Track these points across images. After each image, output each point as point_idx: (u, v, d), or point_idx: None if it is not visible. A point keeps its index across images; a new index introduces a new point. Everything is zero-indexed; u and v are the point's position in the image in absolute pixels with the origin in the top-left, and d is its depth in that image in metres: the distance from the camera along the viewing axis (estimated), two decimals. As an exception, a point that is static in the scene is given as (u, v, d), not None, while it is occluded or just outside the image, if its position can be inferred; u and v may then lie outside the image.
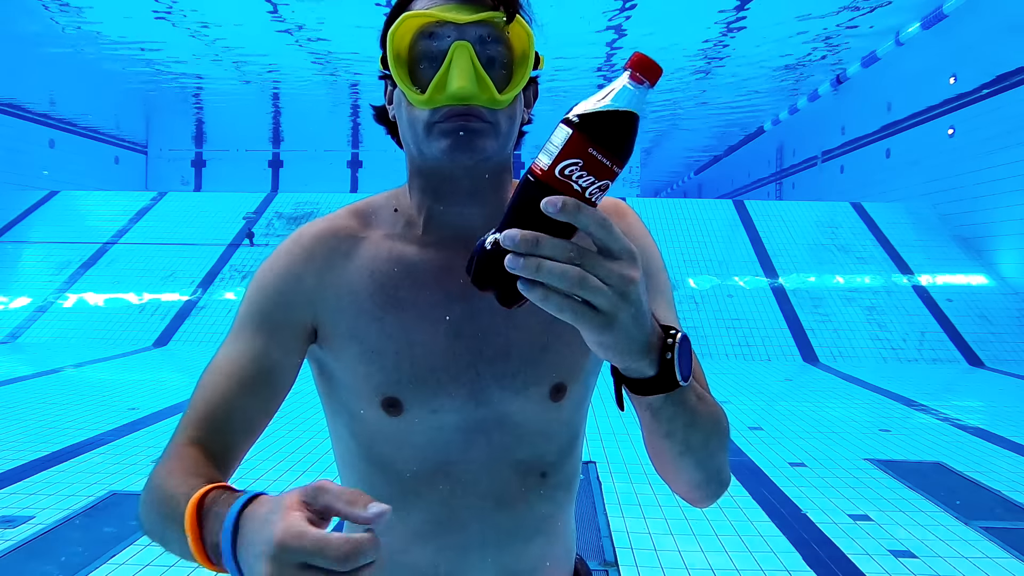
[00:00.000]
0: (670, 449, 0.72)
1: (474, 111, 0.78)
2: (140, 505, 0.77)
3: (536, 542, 0.91)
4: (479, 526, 0.88)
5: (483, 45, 0.79)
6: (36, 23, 12.61)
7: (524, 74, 0.81)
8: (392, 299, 0.85)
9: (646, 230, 0.93)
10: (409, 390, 0.84)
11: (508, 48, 0.80)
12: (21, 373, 7.22)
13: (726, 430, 0.77)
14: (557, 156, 0.58)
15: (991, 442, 5.09)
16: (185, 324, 9.67)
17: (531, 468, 0.89)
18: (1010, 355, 8.85)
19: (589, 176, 0.58)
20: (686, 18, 11.83)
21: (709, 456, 0.74)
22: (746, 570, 2.94)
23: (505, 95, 0.79)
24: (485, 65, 0.78)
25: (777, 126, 18.73)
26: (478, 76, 0.76)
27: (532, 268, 0.56)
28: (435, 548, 0.88)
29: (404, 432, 0.86)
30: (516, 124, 0.84)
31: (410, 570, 0.89)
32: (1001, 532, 3.37)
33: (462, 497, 0.87)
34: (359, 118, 19.60)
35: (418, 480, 0.88)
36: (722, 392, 6.82)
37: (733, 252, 11.15)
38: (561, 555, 0.95)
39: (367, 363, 0.85)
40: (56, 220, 12.64)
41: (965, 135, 11.34)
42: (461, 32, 0.78)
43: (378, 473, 0.90)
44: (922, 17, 11.25)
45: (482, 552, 0.88)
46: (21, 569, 2.82)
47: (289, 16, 12.23)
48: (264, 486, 3.88)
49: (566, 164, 0.58)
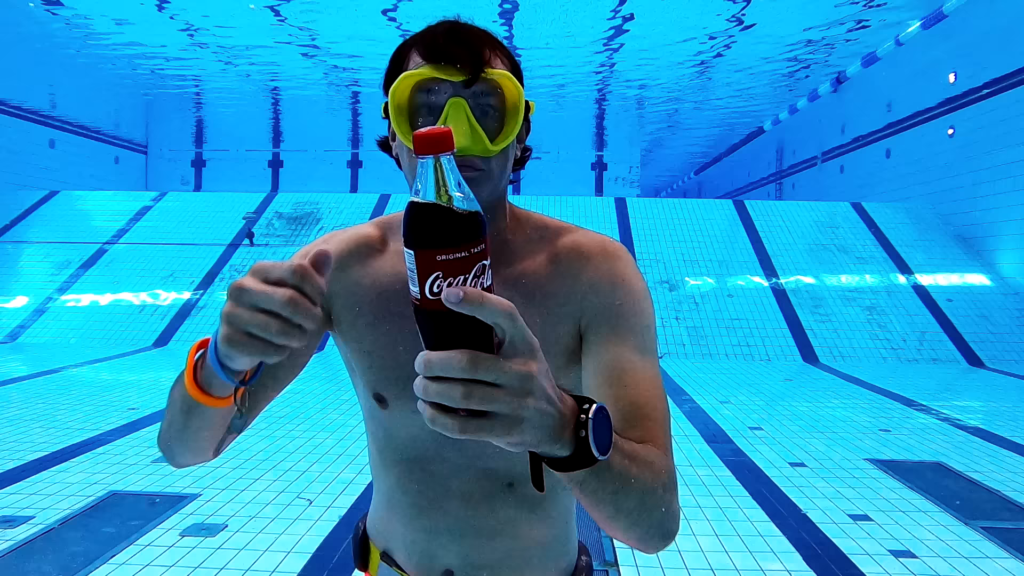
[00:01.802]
0: (602, 513, 0.71)
1: (468, 161, 0.85)
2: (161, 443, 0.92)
3: (498, 540, 0.97)
4: (447, 518, 0.97)
5: (476, 99, 0.86)
6: (36, 23, 12.61)
7: (515, 124, 0.87)
8: (387, 311, 0.94)
9: (636, 270, 0.96)
10: (393, 390, 0.93)
11: (500, 100, 0.87)
12: (21, 373, 7.22)
13: (666, 483, 0.76)
14: (419, 281, 0.56)
15: (991, 442, 5.09)
16: (185, 324, 9.67)
17: (499, 477, 0.95)
18: (1010, 355, 8.85)
19: (458, 276, 0.55)
20: (686, 18, 11.83)
21: (646, 513, 0.74)
22: (746, 570, 2.94)
23: (497, 144, 0.86)
24: (479, 117, 0.86)
25: (777, 126, 18.73)
26: (472, 130, 0.84)
27: (420, 391, 0.56)
28: (411, 528, 0.99)
29: (390, 425, 0.98)
30: (509, 164, 0.92)
31: (394, 537, 1.02)
32: (1001, 532, 3.37)
33: (434, 489, 0.97)
34: (359, 118, 19.60)
35: (402, 467, 0.99)
36: (722, 392, 6.82)
37: (733, 252, 11.15)
38: (535, 555, 0.99)
39: (361, 361, 0.97)
40: (56, 220, 12.63)
41: (965, 135, 11.33)
42: (456, 89, 0.85)
43: (378, 454, 1.03)
44: (922, 17, 11.25)
45: (448, 539, 0.97)
46: (21, 569, 2.82)
47: (289, 16, 12.22)
48: (265, 487, 3.88)
49: (431, 282, 0.56)
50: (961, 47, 11.34)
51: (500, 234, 0.95)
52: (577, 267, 0.93)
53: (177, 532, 3.19)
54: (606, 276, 0.93)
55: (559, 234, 0.98)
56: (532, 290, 0.93)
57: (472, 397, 0.55)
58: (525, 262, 0.95)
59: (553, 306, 0.92)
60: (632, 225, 11.85)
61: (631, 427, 0.81)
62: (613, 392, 0.85)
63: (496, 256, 0.91)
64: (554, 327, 0.91)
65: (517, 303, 0.79)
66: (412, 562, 1.00)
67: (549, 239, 0.97)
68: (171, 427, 0.86)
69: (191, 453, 0.90)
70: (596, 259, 0.94)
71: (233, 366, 0.70)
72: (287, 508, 3.53)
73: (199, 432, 0.84)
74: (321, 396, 6.41)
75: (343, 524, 3.33)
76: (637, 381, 0.85)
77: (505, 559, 0.97)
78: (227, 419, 0.83)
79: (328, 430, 5.07)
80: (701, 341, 9.15)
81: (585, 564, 1.05)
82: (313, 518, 3.40)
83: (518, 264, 0.95)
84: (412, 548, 0.99)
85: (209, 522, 3.32)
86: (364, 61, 14.61)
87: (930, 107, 12.37)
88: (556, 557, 1.01)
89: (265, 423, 5.28)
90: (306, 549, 3.05)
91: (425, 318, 0.57)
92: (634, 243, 11.28)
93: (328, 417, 5.50)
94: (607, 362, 0.87)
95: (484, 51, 0.87)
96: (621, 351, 0.88)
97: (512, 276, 0.93)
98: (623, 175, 21.29)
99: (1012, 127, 10.14)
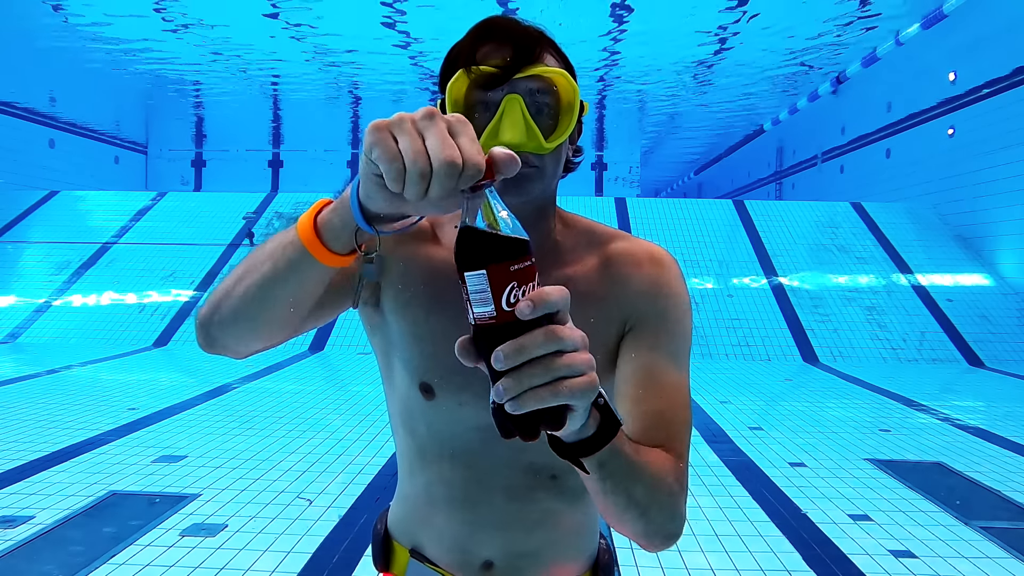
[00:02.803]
0: (615, 502, 0.76)
1: (522, 157, 0.84)
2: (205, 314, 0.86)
3: (537, 532, 1.00)
4: (488, 510, 0.99)
5: (532, 96, 0.86)
6: (36, 22, 12.61)
7: (570, 122, 0.88)
8: (442, 299, 0.93)
9: (682, 280, 0.98)
10: (441, 379, 0.93)
11: (555, 98, 0.88)
12: (21, 373, 7.22)
13: (676, 481, 0.81)
14: (494, 296, 0.58)
15: (991, 442, 5.09)
16: (185, 324, 9.66)
17: (542, 470, 0.97)
18: (1010, 355, 8.85)
19: (522, 285, 0.59)
20: (686, 17, 11.83)
21: (655, 506, 0.78)
22: (746, 570, 2.94)
23: (551, 142, 0.87)
24: (534, 114, 0.86)
25: (777, 126, 18.73)
26: (527, 126, 0.84)
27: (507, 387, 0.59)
28: (452, 522, 1.00)
29: (434, 417, 0.97)
30: (561, 163, 0.92)
31: (429, 533, 1.03)
32: (1001, 532, 3.37)
33: (476, 483, 0.98)
34: (359, 118, 19.61)
35: (442, 461, 0.99)
36: (722, 392, 6.82)
37: (733, 252, 11.15)
38: (570, 543, 1.03)
39: (411, 346, 0.95)
40: (56, 220, 12.63)
41: (965, 135, 11.33)
42: (512, 86, 0.85)
43: (415, 446, 1.02)
44: (922, 17, 11.25)
45: (489, 532, 0.99)
46: (21, 569, 2.82)
47: (289, 16, 12.22)
48: (271, 483, 3.88)
49: (507, 294, 0.58)
50: (961, 47, 11.34)
51: (550, 235, 0.97)
52: (626, 273, 0.96)
53: (177, 532, 3.19)
54: (653, 283, 0.95)
55: (609, 240, 1.00)
56: (582, 291, 0.94)
57: (551, 368, 0.59)
58: (575, 265, 0.97)
59: (602, 308, 0.94)
60: (632, 225, 11.85)
61: (654, 429, 0.85)
62: (642, 394, 0.88)
63: (547, 256, 0.94)
64: (602, 329, 0.94)
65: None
66: (449, 556, 1.01)
67: (599, 244, 0.99)
68: (251, 292, 0.80)
69: (268, 325, 0.84)
70: (645, 266, 0.96)
71: (370, 204, 0.67)
72: (287, 508, 3.53)
73: (297, 293, 0.79)
74: (321, 397, 6.42)
75: (343, 524, 3.33)
76: (665, 386, 0.89)
77: (543, 548, 1.01)
78: (324, 287, 0.81)
79: (328, 430, 5.07)
80: (701, 341, 9.15)
81: (605, 546, 1.11)
82: (313, 518, 3.40)
83: (568, 267, 0.97)
84: (451, 542, 1.01)
85: (209, 522, 3.32)
86: (364, 61, 14.62)
87: (930, 107, 12.37)
88: (587, 543, 1.06)
89: (265, 423, 5.28)
90: (306, 549, 3.05)
91: (497, 333, 0.59)
92: (634, 243, 11.28)
93: (328, 417, 5.50)
94: (641, 365, 0.91)
95: (540, 49, 0.88)
96: (656, 356, 0.91)
97: (562, 277, 0.95)
98: (623, 175, 21.29)
99: (1012, 127, 10.14)
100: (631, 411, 0.88)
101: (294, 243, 0.75)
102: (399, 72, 15.24)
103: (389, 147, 0.61)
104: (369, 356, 7.97)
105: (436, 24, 12.21)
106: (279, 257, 0.77)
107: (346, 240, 0.73)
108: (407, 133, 0.61)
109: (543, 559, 1.01)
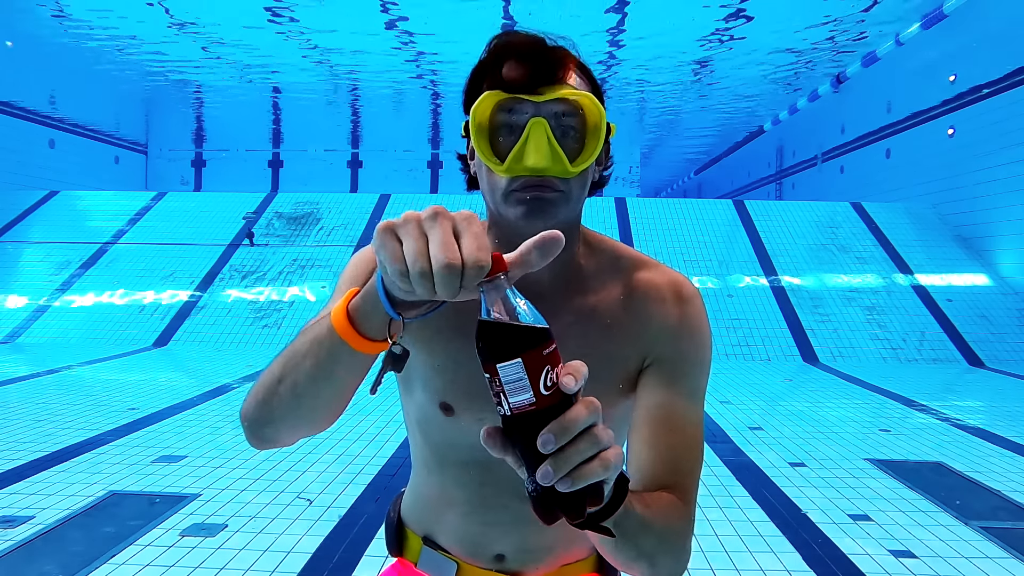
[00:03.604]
0: (626, 556, 0.78)
1: (547, 182, 0.85)
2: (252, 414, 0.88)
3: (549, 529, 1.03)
4: (504, 512, 1.02)
5: (557, 119, 0.86)
6: (36, 22, 12.61)
7: (596, 146, 0.87)
8: (461, 328, 0.92)
9: (704, 316, 1.00)
10: (462, 401, 0.96)
11: (581, 121, 0.87)
12: (21, 373, 7.21)
13: (682, 531, 0.84)
14: (532, 383, 0.59)
15: (991, 442, 5.09)
16: (185, 324, 9.66)
17: None
18: (1010, 355, 8.85)
19: (555, 368, 0.61)
20: (686, 17, 11.83)
21: (664, 554, 0.80)
22: (746, 570, 2.94)
23: (576, 166, 0.86)
24: (559, 138, 0.86)
25: (777, 126, 18.72)
26: (552, 150, 0.84)
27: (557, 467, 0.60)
28: (467, 522, 1.04)
29: (454, 431, 0.99)
30: (587, 186, 0.92)
31: (443, 527, 1.07)
32: (1001, 532, 3.37)
33: (493, 487, 1.01)
34: (359, 118, 19.60)
35: (460, 468, 1.03)
36: (722, 392, 6.82)
37: (733, 252, 11.15)
38: (577, 536, 1.06)
39: (432, 372, 0.98)
40: (56, 220, 12.63)
41: (965, 135, 11.33)
42: (537, 109, 0.85)
43: (432, 454, 1.05)
44: (922, 17, 11.25)
45: (504, 530, 1.03)
46: (21, 569, 2.82)
47: (289, 16, 12.22)
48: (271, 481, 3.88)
49: (544, 377, 0.60)
50: (961, 47, 11.34)
51: (573, 259, 0.97)
52: (650, 308, 0.97)
53: (177, 532, 3.19)
54: (676, 321, 0.96)
55: (635, 268, 1.00)
56: (604, 323, 0.95)
57: (603, 436, 0.61)
58: (600, 293, 0.97)
59: (623, 340, 0.95)
60: (632, 225, 11.85)
61: (666, 472, 0.87)
62: (656, 432, 0.90)
63: (570, 282, 0.96)
64: (621, 361, 0.96)
65: (590, 333, 0.95)
66: (462, 547, 1.06)
67: (624, 271, 0.99)
68: (298, 391, 0.81)
69: (320, 415, 0.85)
70: (669, 303, 0.97)
71: (399, 295, 0.68)
72: (287, 508, 3.53)
73: (339, 384, 0.81)
74: (321, 396, 6.41)
75: (343, 524, 3.33)
76: (681, 427, 0.91)
77: (553, 543, 1.05)
78: (364, 371, 0.81)
79: (328, 430, 5.06)
80: (701, 341, 9.14)
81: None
82: (313, 518, 3.40)
83: (592, 295, 0.97)
84: (464, 537, 1.05)
85: (209, 522, 3.32)
86: (365, 61, 14.61)
87: (930, 107, 12.37)
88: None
89: (265, 423, 5.27)
90: (306, 549, 3.05)
91: (538, 419, 0.60)
92: (634, 243, 11.28)
93: (328, 417, 5.50)
94: (659, 403, 0.92)
95: (565, 70, 0.87)
96: (674, 396, 0.92)
97: (587, 306, 0.96)
98: (623, 175, 21.30)
99: (1012, 127, 10.14)
100: (644, 453, 0.89)
101: (331, 334, 0.76)
102: (399, 72, 15.24)
103: (393, 249, 0.63)
104: (369, 356, 7.95)
105: (436, 24, 12.21)
106: (318, 351, 0.78)
107: (379, 324, 0.74)
108: (410, 235, 0.62)
109: (552, 551, 1.06)
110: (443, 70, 14.92)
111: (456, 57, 13.79)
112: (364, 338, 0.74)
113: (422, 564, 1.09)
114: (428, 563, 1.08)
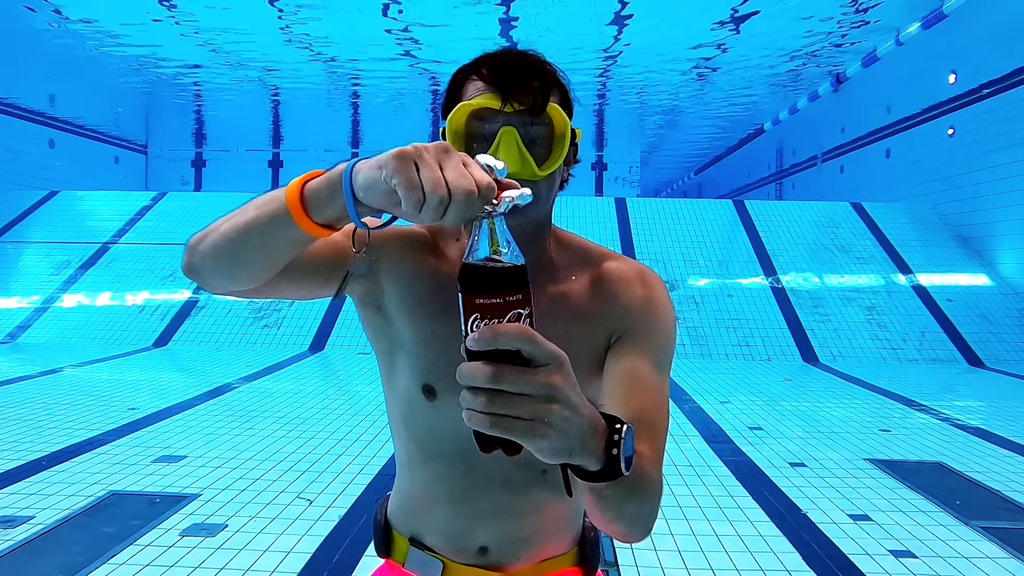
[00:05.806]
0: (604, 516, 0.82)
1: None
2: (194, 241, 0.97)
3: (529, 520, 1.08)
4: (486, 502, 1.06)
5: (526, 128, 0.94)
6: (36, 22, 12.61)
7: (561, 152, 0.96)
8: (445, 306, 1.00)
9: (667, 297, 1.07)
10: (444, 382, 1.00)
11: (549, 130, 0.96)
12: (21, 373, 7.22)
13: (656, 491, 0.88)
14: (464, 320, 0.65)
15: (991, 442, 5.09)
16: (185, 324, 9.67)
17: (533, 466, 1.04)
18: (1010, 355, 8.85)
19: (493, 319, 0.64)
20: (685, 17, 11.83)
21: (640, 517, 0.85)
22: (746, 570, 2.94)
23: (544, 170, 0.95)
24: (528, 144, 0.94)
25: (777, 126, 18.72)
26: (522, 156, 0.92)
27: (460, 399, 0.65)
28: (451, 515, 1.08)
29: (435, 418, 1.04)
30: (555, 186, 1.01)
31: (428, 524, 1.11)
32: (1001, 532, 3.37)
33: (474, 477, 1.05)
34: (359, 118, 19.61)
35: (442, 458, 1.06)
36: (722, 392, 6.82)
37: (733, 252, 11.15)
38: (559, 527, 1.12)
39: (415, 351, 1.03)
40: (56, 220, 12.63)
41: (965, 135, 11.33)
42: (508, 118, 0.93)
43: (415, 444, 1.09)
44: (922, 17, 11.25)
45: (485, 521, 1.07)
46: (21, 569, 2.82)
47: (290, 16, 12.22)
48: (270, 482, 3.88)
49: (470, 323, 0.65)
50: (961, 47, 11.34)
51: (545, 253, 1.05)
52: (616, 290, 1.04)
53: (177, 532, 3.19)
54: (640, 299, 1.04)
55: (602, 259, 1.08)
56: (574, 307, 1.03)
57: (494, 403, 0.64)
58: (569, 282, 1.05)
59: (591, 322, 1.03)
60: (632, 225, 11.85)
61: (637, 427, 0.90)
62: (624, 393, 0.95)
63: (542, 274, 1.03)
64: (590, 341, 1.02)
65: (560, 317, 1.02)
66: (447, 543, 1.09)
67: (592, 263, 1.08)
68: (232, 231, 0.89)
69: (241, 268, 0.91)
70: (634, 285, 1.05)
71: (367, 201, 0.73)
72: (287, 508, 3.53)
73: (272, 246, 0.86)
74: (321, 396, 6.42)
75: (343, 524, 3.33)
76: (647, 388, 0.96)
77: (534, 534, 1.09)
78: (298, 250, 0.87)
79: (328, 430, 5.07)
80: (701, 341, 9.15)
81: (590, 525, 1.18)
82: (313, 518, 3.40)
83: (562, 283, 1.05)
84: (449, 531, 1.09)
85: (209, 522, 3.32)
86: (364, 61, 14.62)
87: (930, 107, 12.37)
88: (572, 525, 1.15)
89: (265, 423, 5.28)
90: (306, 549, 3.05)
91: (467, 351, 0.65)
92: (634, 243, 11.28)
93: (328, 417, 5.50)
94: (625, 368, 0.98)
95: (536, 84, 0.94)
96: (639, 362, 0.98)
97: (557, 293, 1.04)
98: (623, 175, 21.30)
99: (1012, 127, 10.14)
100: (616, 411, 0.92)
101: (279, 200, 0.81)
102: (399, 72, 15.24)
103: (411, 177, 0.66)
104: (369, 356, 7.97)
105: (437, 24, 12.21)
106: (263, 208, 0.84)
107: (328, 215, 0.79)
108: (428, 165, 0.67)
109: (534, 542, 1.09)
110: (443, 70, 14.93)
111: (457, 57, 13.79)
112: (308, 219, 0.79)
113: (409, 564, 1.12)
114: (415, 563, 1.11)
